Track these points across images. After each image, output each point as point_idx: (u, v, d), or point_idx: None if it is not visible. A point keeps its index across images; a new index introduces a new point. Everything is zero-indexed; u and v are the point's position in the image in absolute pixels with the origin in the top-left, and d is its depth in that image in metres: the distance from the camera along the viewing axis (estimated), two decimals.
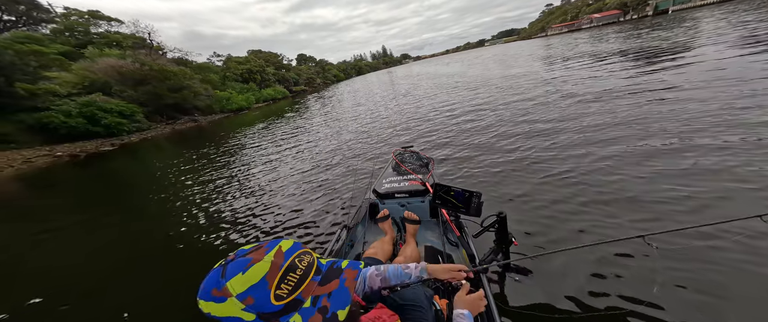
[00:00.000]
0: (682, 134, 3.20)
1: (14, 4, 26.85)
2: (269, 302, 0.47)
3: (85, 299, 2.52)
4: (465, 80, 13.28)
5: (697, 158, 2.66)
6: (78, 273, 3.00)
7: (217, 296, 0.47)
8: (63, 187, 7.84)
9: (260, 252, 0.51)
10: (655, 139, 3.19)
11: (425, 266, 0.95)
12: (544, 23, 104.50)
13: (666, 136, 3.24)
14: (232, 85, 33.33)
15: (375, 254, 1.37)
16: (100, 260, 3.25)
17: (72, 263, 3.27)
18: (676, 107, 4.04)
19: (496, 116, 5.79)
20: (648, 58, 8.35)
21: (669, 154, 2.85)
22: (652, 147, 3.05)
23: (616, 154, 3.07)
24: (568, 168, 3.01)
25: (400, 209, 1.88)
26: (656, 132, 3.41)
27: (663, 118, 3.76)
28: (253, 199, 4.20)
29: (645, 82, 5.86)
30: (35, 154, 12.88)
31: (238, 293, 0.46)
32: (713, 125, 3.24)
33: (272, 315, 0.47)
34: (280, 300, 0.47)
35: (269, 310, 0.47)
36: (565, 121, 4.55)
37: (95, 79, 17.99)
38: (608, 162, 2.95)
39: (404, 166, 2.29)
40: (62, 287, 2.75)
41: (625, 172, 2.69)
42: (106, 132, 16.12)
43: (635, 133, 3.50)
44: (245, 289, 0.46)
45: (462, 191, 1.42)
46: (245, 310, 0.46)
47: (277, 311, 0.47)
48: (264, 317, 0.47)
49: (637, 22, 33.73)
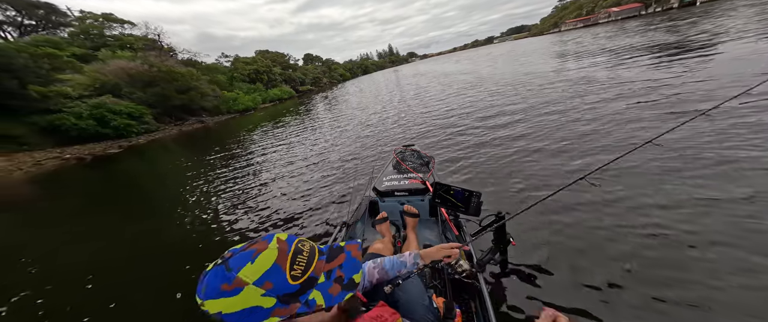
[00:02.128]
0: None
1: (34, 8, 27.92)
2: (287, 283, 0.48)
3: (87, 298, 2.57)
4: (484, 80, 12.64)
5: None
6: (79, 273, 3.00)
7: (229, 290, 0.46)
8: (68, 190, 7.82)
9: (262, 243, 0.51)
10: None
11: (418, 252, 0.96)
12: (557, 18, 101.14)
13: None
14: (239, 86, 33.65)
15: (378, 250, 1.36)
16: (103, 259, 3.31)
17: (75, 262, 3.30)
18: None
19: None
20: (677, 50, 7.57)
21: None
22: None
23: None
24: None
25: (399, 207, 1.85)
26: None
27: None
28: (254, 197, 4.32)
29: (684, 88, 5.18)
30: (46, 156, 13.15)
31: (255, 280, 0.46)
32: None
33: (291, 296, 0.49)
34: (296, 280, 0.49)
35: (288, 291, 0.48)
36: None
37: (106, 81, 18.34)
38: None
39: (405, 164, 2.29)
40: (62, 289, 2.79)
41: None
42: (115, 134, 16.38)
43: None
44: (260, 275, 0.47)
45: (462, 191, 1.42)
46: (265, 295, 0.46)
47: (296, 291, 0.49)
48: (284, 299, 0.48)
49: (660, 15, 31.80)
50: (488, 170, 3.38)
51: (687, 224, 1.90)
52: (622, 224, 2.02)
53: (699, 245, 1.73)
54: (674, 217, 1.99)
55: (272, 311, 0.46)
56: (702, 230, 1.84)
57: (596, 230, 2.02)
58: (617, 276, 1.62)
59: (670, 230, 1.89)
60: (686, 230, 1.86)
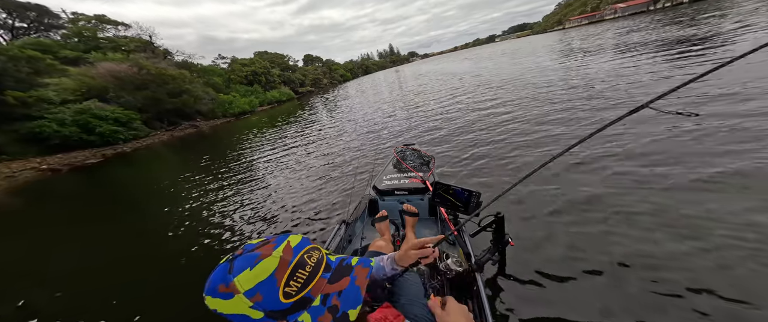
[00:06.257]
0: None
1: (25, 10, 27.15)
2: (278, 299, 0.46)
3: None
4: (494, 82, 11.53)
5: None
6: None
7: (224, 293, 0.45)
8: (23, 216, 6.81)
9: (269, 247, 0.49)
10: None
11: (394, 256, 0.88)
12: (561, 16, 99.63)
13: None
14: (236, 88, 32.74)
15: (380, 248, 1.34)
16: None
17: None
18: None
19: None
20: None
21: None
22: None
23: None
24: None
25: (399, 206, 1.80)
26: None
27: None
28: (250, 197, 4.26)
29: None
30: (23, 166, 12.22)
31: (246, 290, 0.45)
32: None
33: (280, 313, 0.46)
34: (288, 298, 0.46)
35: (277, 308, 0.46)
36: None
37: (93, 85, 17.43)
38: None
39: (405, 163, 2.29)
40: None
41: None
42: (101, 141, 15.45)
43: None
44: (253, 286, 0.45)
45: (462, 190, 1.36)
46: (253, 308, 0.45)
47: (286, 309, 0.46)
48: (272, 315, 0.46)
49: (670, 12, 30.38)
50: (488, 170, 3.28)
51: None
52: (623, 224, 1.92)
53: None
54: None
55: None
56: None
57: (598, 229, 1.93)
58: (618, 275, 1.57)
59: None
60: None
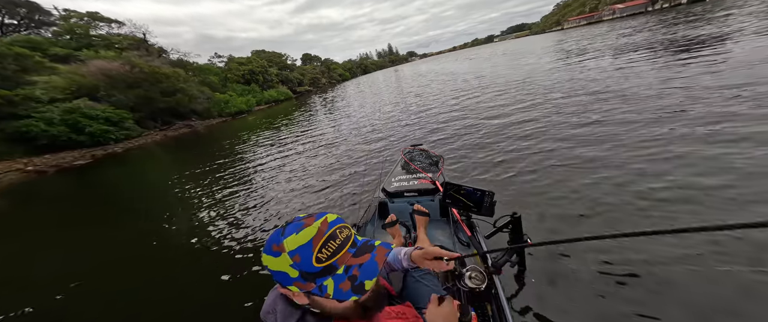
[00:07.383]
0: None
1: (14, 7, 26.42)
2: (311, 262, 0.51)
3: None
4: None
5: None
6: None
7: (275, 251, 0.53)
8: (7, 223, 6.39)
9: (311, 219, 0.56)
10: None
11: (411, 254, 0.89)
12: (560, 16, 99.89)
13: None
14: (233, 87, 32.21)
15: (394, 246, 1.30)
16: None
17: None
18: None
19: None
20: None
21: None
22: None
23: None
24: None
25: (409, 208, 1.72)
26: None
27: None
28: (248, 199, 4.20)
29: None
30: (8, 168, 11.73)
31: (290, 250, 0.52)
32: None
33: (311, 275, 0.52)
34: (319, 263, 0.52)
35: (310, 270, 0.52)
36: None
37: (83, 83, 16.90)
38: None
39: (413, 164, 2.25)
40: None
41: None
42: (91, 141, 14.95)
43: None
44: (295, 247, 0.52)
45: (473, 190, 1.36)
46: (292, 266, 0.52)
47: (316, 272, 0.52)
48: (305, 275, 0.52)
49: (669, 12, 30.32)
50: (502, 171, 3.19)
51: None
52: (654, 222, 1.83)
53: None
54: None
55: (294, 282, 0.52)
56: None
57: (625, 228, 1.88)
58: (644, 277, 1.52)
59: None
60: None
